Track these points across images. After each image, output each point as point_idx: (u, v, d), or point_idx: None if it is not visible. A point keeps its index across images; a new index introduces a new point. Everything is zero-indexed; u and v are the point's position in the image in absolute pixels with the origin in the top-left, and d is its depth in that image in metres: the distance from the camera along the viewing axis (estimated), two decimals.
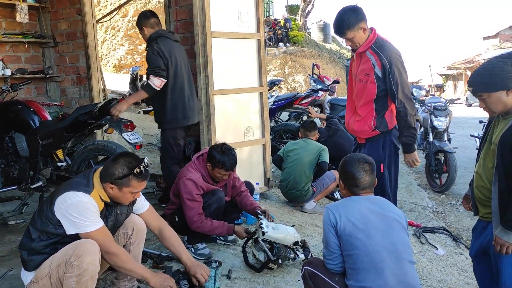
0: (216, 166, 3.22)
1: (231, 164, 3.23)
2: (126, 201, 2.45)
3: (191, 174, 3.23)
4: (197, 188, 3.19)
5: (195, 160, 3.34)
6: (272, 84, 8.80)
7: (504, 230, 2.29)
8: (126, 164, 2.34)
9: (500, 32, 27.31)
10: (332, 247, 2.30)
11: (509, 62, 2.28)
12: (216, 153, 3.21)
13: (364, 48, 3.14)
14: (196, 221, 3.18)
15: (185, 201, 3.18)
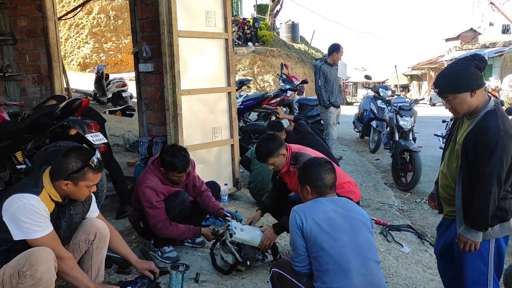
0: (169, 169, 3.14)
1: (183, 165, 3.15)
2: (82, 196, 2.36)
3: (149, 180, 3.14)
4: (157, 195, 3.11)
5: (150, 165, 3.25)
6: (240, 84, 8.75)
7: (467, 229, 2.34)
8: (79, 157, 2.28)
9: (461, 34, 28.22)
10: (299, 249, 2.30)
11: (473, 64, 2.33)
12: (167, 156, 3.13)
13: (286, 168, 3.23)
14: (160, 228, 3.12)
15: (146, 210, 3.10)
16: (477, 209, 2.28)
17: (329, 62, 6.43)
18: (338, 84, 6.57)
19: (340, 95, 6.92)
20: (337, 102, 6.47)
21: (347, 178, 3.31)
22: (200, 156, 4.34)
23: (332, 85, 6.37)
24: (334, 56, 6.42)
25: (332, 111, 6.40)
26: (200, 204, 3.46)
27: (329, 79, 6.32)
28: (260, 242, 3.13)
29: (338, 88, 6.56)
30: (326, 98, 6.33)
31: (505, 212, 2.36)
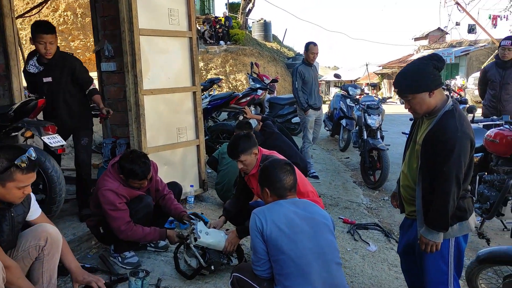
0: (129, 177, 3.02)
1: (144, 172, 3.02)
2: (15, 198, 2.22)
3: (109, 183, 3.01)
4: (119, 197, 2.99)
5: (110, 169, 3.11)
6: (211, 83, 8.68)
7: (428, 230, 2.34)
8: (5, 157, 2.13)
9: (430, 33, 28.86)
10: (260, 252, 2.26)
11: (431, 64, 2.33)
12: (126, 163, 2.99)
13: (255, 170, 3.20)
14: (124, 230, 2.99)
15: (108, 213, 2.97)
16: (437, 210, 2.28)
17: (306, 62, 6.20)
18: (317, 84, 6.30)
19: (321, 96, 6.46)
20: (316, 104, 6.22)
21: (311, 187, 3.29)
22: (165, 157, 4.24)
23: (311, 87, 6.14)
24: (306, 55, 6.22)
25: (311, 113, 6.19)
26: (162, 207, 3.36)
27: (307, 80, 6.09)
28: (224, 246, 3.07)
29: (317, 89, 6.30)
30: (304, 100, 6.11)
31: (464, 211, 2.38)
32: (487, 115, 5.58)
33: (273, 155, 3.27)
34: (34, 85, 3.80)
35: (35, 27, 3.67)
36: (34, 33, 3.61)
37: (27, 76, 3.80)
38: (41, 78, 3.73)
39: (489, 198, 4.19)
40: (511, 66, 5.42)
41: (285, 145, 4.76)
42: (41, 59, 3.71)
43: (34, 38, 3.61)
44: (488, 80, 5.66)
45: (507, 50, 5.36)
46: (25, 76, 3.83)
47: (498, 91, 5.53)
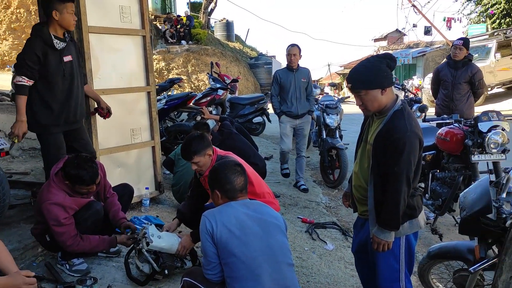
0: (75, 183, 2.85)
1: (91, 177, 2.86)
2: None
3: (54, 196, 2.82)
4: (65, 211, 2.82)
5: (53, 177, 2.91)
6: (171, 83, 8.53)
7: (380, 229, 2.36)
8: None
9: (388, 34, 29.61)
10: (210, 256, 2.21)
11: (384, 62, 2.35)
12: (71, 169, 2.81)
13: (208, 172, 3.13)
14: (70, 245, 2.85)
15: (53, 228, 2.80)
16: (389, 210, 2.30)
17: (287, 66, 5.69)
18: (301, 91, 5.66)
19: (309, 103, 5.81)
20: (292, 112, 5.66)
21: (267, 189, 3.26)
22: (118, 159, 4.11)
23: (288, 92, 5.62)
24: (287, 59, 5.70)
25: (284, 120, 5.73)
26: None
27: (284, 85, 5.62)
28: (176, 250, 2.99)
29: (299, 95, 5.65)
30: (277, 106, 5.73)
31: (414, 209, 2.40)
32: (440, 114, 5.73)
33: (229, 156, 3.21)
34: (46, 67, 3.19)
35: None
36: (59, 3, 3.15)
37: (43, 54, 3.15)
38: (62, 57, 3.27)
39: (441, 195, 4.31)
40: (462, 66, 5.59)
41: (243, 145, 4.72)
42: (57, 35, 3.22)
43: (59, 9, 3.15)
44: (441, 80, 5.82)
45: (458, 50, 5.53)
46: (37, 54, 3.13)
47: (450, 91, 5.69)
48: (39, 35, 3.18)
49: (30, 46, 3.15)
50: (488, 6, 20.36)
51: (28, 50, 3.14)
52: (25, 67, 3.12)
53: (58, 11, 3.16)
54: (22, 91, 3.15)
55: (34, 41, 3.16)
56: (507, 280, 1.95)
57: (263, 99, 9.26)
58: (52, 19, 3.19)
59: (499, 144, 3.92)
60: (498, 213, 2.17)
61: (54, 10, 3.16)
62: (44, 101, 3.26)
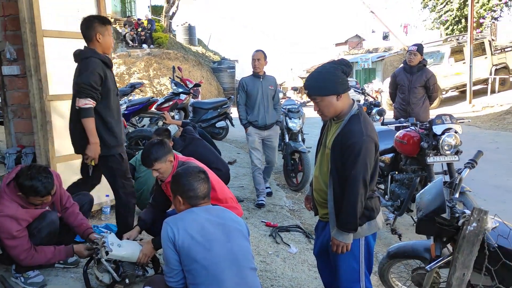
0: (29, 194, 2.73)
1: (46, 188, 2.76)
2: None
3: (6, 208, 2.70)
4: (18, 224, 2.70)
5: (5, 188, 2.79)
6: (132, 88, 8.38)
7: (339, 231, 2.40)
8: None
9: (349, 39, 30.34)
10: (172, 263, 2.19)
11: (339, 68, 2.40)
12: (25, 180, 2.70)
13: (170, 179, 3.08)
14: (24, 259, 2.74)
15: (5, 241, 2.69)
16: (346, 212, 2.35)
17: (253, 72, 5.35)
18: (268, 99, 5.32)
19: (277, 112, 5.47)
20: (258, 122, 5.29)
21: (230, 194, 3.26)
22: (76, 166, 3.95)
23: (255, 101, 5.27)
24: (252, 64, 5.35)
25: (251, 132, 5.36)
26: (65, 222, 3.13)
27: (251, 93, 5.27)
28: (137, 258, 2.93)
29: (267, 104, 5.30)
30: (244, 116, 5.36)
31: (372, 210, 2.47)
32: (398, 117, 5.92)
33: (190, 162, 3.19)
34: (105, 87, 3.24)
35: (101, 20, 3.29)
36: (101, 26, 3.21)
37: (104, 74, 3.20)
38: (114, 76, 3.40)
39: (400, 196, 4.44)
40: (417, 71, 5.80)
41: (205, 151, 4.69)
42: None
43: (102, 31, 3.22)
44: (398, 84, 6.01)
45: (413, 55, 5.73)
46: (100, 74, 3.16)
47: (407, 95, 5.88)
48: (95, 56, 3.19)
49: (92, 67, 3.14)
50: (441, 13, 21.22)
51: (91, 72, 3.13)
52: (90, 90, 3.11)
53: (101, 34, 3.23)
54: (89, 113, 3.13)
55: (94, 62, 3.16)
56: (460, 277, 2.03)
57: (226, 103, 9.26)
58: (95, 42, 3.24)
59: (452, 146, 4.08)
60: (451, 212, 2.25)
61: (98, 33, 3.22)
62: (106, 122, 3.26)
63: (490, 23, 20.76)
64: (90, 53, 3.21)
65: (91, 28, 3.23)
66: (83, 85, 3.10)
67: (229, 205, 3.09)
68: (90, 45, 3.26)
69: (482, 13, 19.22)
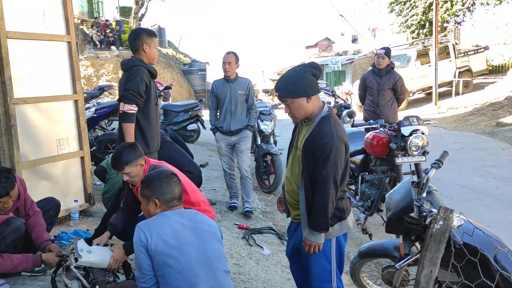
0: None
1: (5, 188, 2.69)
2: None
3: None
4: None
5: None
6: (101, 90, 8.22)
7: (311, 232, 2.43)
8: None
9: (319, 42, 30.73)
10: (145, 268, 2.16)
11: (309, 71, 2.44)
12: None
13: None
14: None
15: None
16: (318, 212, 2.38)
17: (224, 76, 5.13)
18: (237, 104, 5.08)
19: (250, 117, 5.23)
20: (223, 128, 5.10)
21: (203, 197, 3.24)
22: (44, 172, 3.88)
23: (223, 105, 5.08)
24: (222, 68, 5.08)
25: (219, 138, 5.19)
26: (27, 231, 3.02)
27: (220, 97, 5.09)
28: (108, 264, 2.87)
29: (235, 109, 5.08)
30: (212, 121, 5.22)
31: (343, 211, 2.51)
32: (367, 119, 6.04)
33: (162, 165, 3.15)
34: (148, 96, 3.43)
35: (148, 32, 3.52)
36: (148, 37, 3.45)
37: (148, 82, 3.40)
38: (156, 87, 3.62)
39: (370, 196, 4.53)
40: (386, 74, 5.94)
41: (177, 154, 4.64)
42: None
43: (148, 42, 3.44)
44: (367, 86, 6.13)
45: (381, 58, 5.87)
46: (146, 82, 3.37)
47: (376, 97, 6.01)
48: (141, 65, 3.39)
49: (139, 75, 3.33)
50: (407, 17, 21.77)
51: (138, 80, 3.33)
52: (136, 96, 3.32)
53: (148, 45, 3.45)
54: (131, 118, 3.35)
55: (141, 70, 3.36)
56: (428, 274, 2.08)
57: (197, 105, 9.21)
58: (141, 53, 3.46)
59: (420, 146, 4.19)
60: (419, 211, 2.31)
61: (145, 43, 3.44)
62: (142, 129, 3.46)
63: (454, 28, 21.44)
64: (138, 62, 3.42)
65: (138, 39, 3.44)
66: (130, 91, 3.29)
67: (201, 208, 3.07)
68: (136, 55, 3.46)
69: (446, 18, 19.81)
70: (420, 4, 20.73)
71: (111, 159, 3.08)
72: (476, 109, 13.24)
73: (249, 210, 5.18)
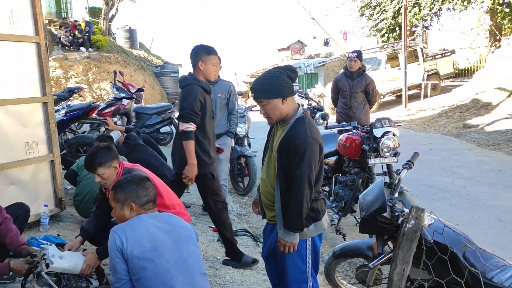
0: None
1: None
2: None
3: None
4: None
5: None
6: (71, 92, 8.05)
7: (286, 232, 2.45)
8: None
9: (291, 45, 30.97)
10: (120, 273, 2.13)
11: (285, 73, 2.47)
12: None
13: None
14: None
15: None
16: (293, 212, 2.40)
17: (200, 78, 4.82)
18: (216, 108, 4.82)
19: (230, 122, 5.05)
20: None
21: (177, 200, 3.22)
22: (11, 176, 3.77)
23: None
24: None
25: None
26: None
27: None
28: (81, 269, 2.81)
29: (215, 113, 4.50)
30: None
31: (318, 212, 2.54)
32: (340, 121, 6.13)
33: (136, 168, 3.12)
34: (204, 112, 3.58)
35: (206, 49, 3.60)
36: (205, 55, 3.55)
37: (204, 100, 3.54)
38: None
39: (343, 197, 4.59)
40: (358, 76, 6.04)
41: (150, 157, 4.61)
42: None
43: (205, 60, 3.55)
44: (339, 89, 6.23)
45: (353, 61, 5.97)
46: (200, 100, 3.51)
47: (348, 99, 6.11)
48: (196, 83, 3.50)
49: (194, 93, 3.46)
50: (377, 21, 22.22)
51: (193, 98, 3.45)
52: (192, 115, 3.44)
53: (203, 62, 3.55)
54: (190, 136, 3.46)
55: (196, 89, 3.48)
56: (400, 272, 2.13)
57: (170, 108, 9.13)
58: (197, 69, 3.58)
59: (391, 148, 4.28)
60: (392, 211, 2.37)
61: (200, 61, 3.54)
62: (201, 143, 3.57)
63: (422, 32, 22.02)
64: (192, 80, 3.53)
65: (196, 56, 3.57)
66: (186, 110, 3.42)
67: (177, 211, 3.05)
68: (194, 71, 3.60)
69: (414, 22, 20.32)
70: (389, 8, 21.19)
71: (85, 159, 3.03)
72: (444, 111, 13.64)
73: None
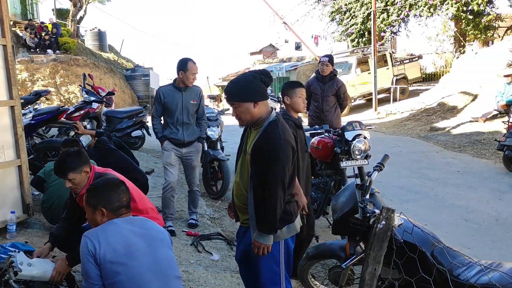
0: None
1: None
2: None
3: None
4: None
5: None
6: (37, 96, 7.83)
7: (259, 234, 2.47)
8: None
9: (263, 49, 31.10)
10: (93, 278, 2.10)
11: (258, 77, 2.50)
12: None
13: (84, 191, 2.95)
14: None
15: None
16: (266, 214, 2.43)
17: (176, 84, 4.61)
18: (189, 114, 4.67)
19: (200, 128, 4.87)
20: (177, 139, 4.64)
21: (150, 204, 3.19)
22: None
23: (174, 115, 4.58)
24: (180, 77, 4.54)
25: (168, 147, 4.66)
26: None
27: (169, 107, 4.57)
28: (50, 276, 2.75)
29: (188, 120, 4.66)
30: (159, 129, 4.71)
31: (291, 214, 2.57)
32: (312, 124, 6.19)
33: (108, 173, 3.07)
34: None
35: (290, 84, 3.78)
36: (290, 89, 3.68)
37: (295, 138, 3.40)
38: None
39: (316, 200, 4.65)
40: (329, 80, 6.13)
41: (122, 161, 4.54)
42: None
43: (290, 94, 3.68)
44: (311, 93, 6.30)
45: (325, 66, 6.05)
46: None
47: (320, 103, 6.18)
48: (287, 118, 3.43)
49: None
50: (347, 26, 22.61)
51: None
52: None
53: (289, 96, 3.69)
54: None
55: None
56: (372, 272, 2.19)
57: (141, 112, 9.02)
58: (286, 104, 3.73)
59: (362, 150, 4.38)
60: (363, 212, 2.42)
61: (285, 95, 3.71)
62: None
63: (390, 37, 22.55)
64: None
65: (282, 91, 3.76)
66: None
67: (150, 215, 3.03)
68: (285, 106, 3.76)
69: (383, 28, 20.78)
70: (359, 14, 21.60)
71: (54, 164, 2.97)
72: (412, 114, 14.00)
73: (194, 223, 4.96)
